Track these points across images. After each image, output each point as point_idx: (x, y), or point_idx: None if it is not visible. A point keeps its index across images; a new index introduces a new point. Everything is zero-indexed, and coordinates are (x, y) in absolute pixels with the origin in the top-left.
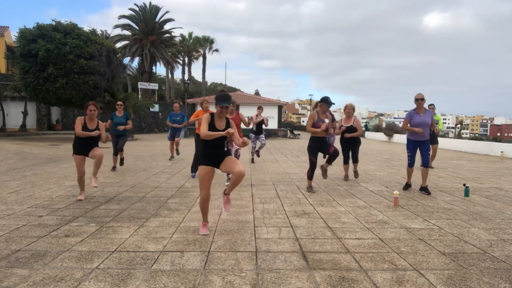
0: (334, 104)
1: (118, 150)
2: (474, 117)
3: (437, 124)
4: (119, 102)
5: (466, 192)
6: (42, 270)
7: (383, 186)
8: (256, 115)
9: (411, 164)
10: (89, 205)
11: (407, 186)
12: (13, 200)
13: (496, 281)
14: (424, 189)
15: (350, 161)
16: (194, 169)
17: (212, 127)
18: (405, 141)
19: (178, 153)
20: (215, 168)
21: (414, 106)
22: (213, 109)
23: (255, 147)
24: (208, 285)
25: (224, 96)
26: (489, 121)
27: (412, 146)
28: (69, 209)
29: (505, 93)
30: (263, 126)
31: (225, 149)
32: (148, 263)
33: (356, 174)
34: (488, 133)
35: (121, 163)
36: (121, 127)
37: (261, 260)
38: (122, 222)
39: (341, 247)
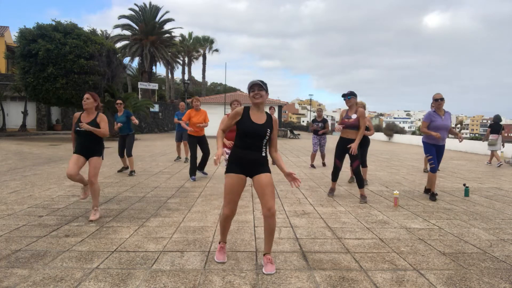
0: (349, 97)
1: (127, 155)
2: (474, 117)
3: None
4: (118, 101)
5: (466, 192)
6: (42, 270)
7: (383, 186)
8: None
9: (434, 168)
10: (89, 205)
11: (434, 196)
12: (13, 200)
13: (496, 281)
14: (431, 194)
15: None
16: (192, 172)
17: (246, 121)
18: (405, 141)
19: (186, 160)
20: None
21: (413, 106)
22: (204, 108)
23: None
24: (208, 285)
25: (253, 81)
26: (489, 121)
27: (432, 149)
28: (69, 209)
29: (505, 93)
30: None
31: (263, 154)
32: (148, 263)
33: (365, 181)
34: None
35: (131, 173)
36: (135, 122)
37: (261, 260)
38: (122, 222)
39: (341, 247)
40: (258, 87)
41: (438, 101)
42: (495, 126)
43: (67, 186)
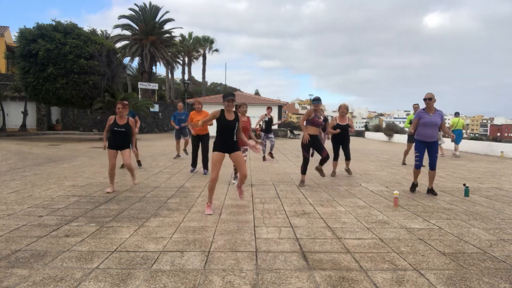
0: (318, 102)
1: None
2: (474, 117)
3: None
4: (124, 102)
5: (466, 192)
6: (42, 270)
7: (383, 186)
8: (265, 115)
9: (418, 165)
10: (89, 205)
11: (414, 187)
12: (13, 200)
13: (496, 281)
14: (431, 191)
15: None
16: (193, 164)
17: (222, 119)
18: (405, 141)
19: (186, 153)
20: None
21: (411, 106)
22: (205, 109)
23: (265, 144)
24: (208, 285)
25: (228, 92)
26: (489, 121)
27: (420, 146)
28: (69, 209)
29: (505, 93)
30: (273, 126)
31: (234, 139)
32: (148, 263)
33: (349, 171)
34: (488, 133)
35: (139, 164)
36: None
37: (261, 260)
38: (122, 222)
39: (341, 247)
40: (231, 100)
41: (426, 100)
42: None
43: (67, 186)
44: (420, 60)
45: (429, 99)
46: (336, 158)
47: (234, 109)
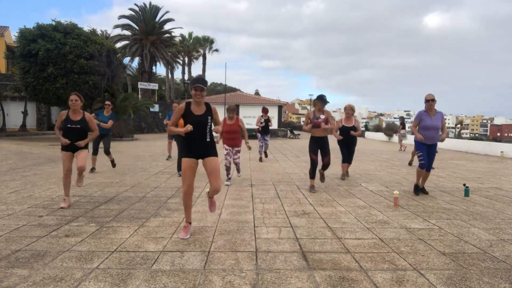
0: (329, 102)
1: (106, 153)
2: (474, 117)
3: None
4: (107, 102)
5: (466, 192)
6: (42, 270)
7: (383, 186)
8: (261, 116)
9: (423, 164)
10: (89, 205)
11: (418, 189)
12: (13, 200)
13: (496, 281)
14: (422, 190)
15: None
16: (179, 168)
17: (188, 115)
18: (405, 141)
19: (169, 158)
20: (200, 163)
21: (413, 106)
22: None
23: (262, 145)
24: (208, 285)
25: (197, 78)
26: (489, 121)
27: (421, 146)
28: (69, 209)
29: (505, 93)
30: (270, 126)
31: (207, 139)
32: (148, 263)
33: (347, 174)
34: (488, 133)
35: (113, 165)
36: (105, 125)
37: (261, 260)
38: (122, 222)
39: (341, 247)
40: (200, 89)
41: (429, 102)
42: (403, 124)
43: None
44: (420, 60)
45: (431, 100)
46: (344, 160)
47: (204, 100)
